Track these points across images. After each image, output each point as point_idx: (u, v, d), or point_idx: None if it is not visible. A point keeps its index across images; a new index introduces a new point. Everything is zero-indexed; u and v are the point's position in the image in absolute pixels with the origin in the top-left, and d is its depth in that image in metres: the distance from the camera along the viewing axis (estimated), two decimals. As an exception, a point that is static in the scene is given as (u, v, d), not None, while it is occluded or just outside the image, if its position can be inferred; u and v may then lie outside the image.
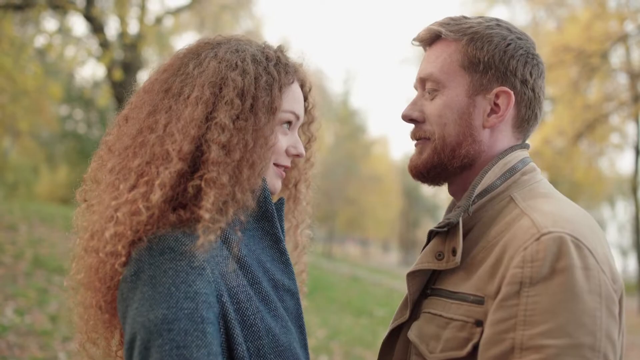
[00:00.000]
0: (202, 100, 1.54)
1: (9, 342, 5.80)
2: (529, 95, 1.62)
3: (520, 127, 1.65)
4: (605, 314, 1.31)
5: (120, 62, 13.93)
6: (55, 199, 27.33)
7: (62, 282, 6.33)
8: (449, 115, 1.62)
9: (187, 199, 1.51)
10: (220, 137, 1.51)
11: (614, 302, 1.34)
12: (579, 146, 17.47)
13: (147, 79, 1.70)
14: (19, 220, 11.12)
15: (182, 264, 1.41)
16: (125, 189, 1.50)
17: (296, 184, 1.89)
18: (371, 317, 12.43)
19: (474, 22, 1.66)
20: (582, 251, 1.33)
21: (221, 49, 1.63)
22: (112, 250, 1.46)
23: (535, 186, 1.58)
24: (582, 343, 1.27)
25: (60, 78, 22.13)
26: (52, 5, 11.87)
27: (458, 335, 1.45)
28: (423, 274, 1.62)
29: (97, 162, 1.68)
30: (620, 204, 48.95)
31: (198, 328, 1.37)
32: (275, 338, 1.54)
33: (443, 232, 1.58)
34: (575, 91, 15.51)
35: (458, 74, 1.62)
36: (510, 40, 1.61)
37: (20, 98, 14.27)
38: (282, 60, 1.68)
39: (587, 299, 1.30)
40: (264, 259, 1.63)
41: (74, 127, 31.16)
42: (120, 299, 1.44)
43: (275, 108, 1.61)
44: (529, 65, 1.62)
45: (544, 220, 1.39)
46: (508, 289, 1.35)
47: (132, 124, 1.60)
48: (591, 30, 14.17)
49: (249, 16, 21.59)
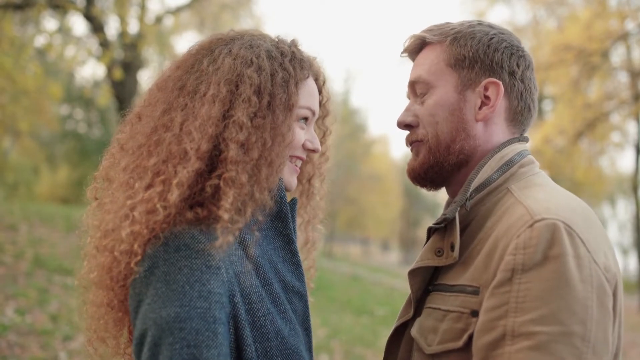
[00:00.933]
0: (218, 98, 1.53)
1: (10, 341, 5.81)
2: (519, 86, 1.64)
3: (514, 119, 1.66)
4: (596, 304, 1.31)
5: (120, 61, 13.93)
6: (56, 199, 27.40)
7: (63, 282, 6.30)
8: (440, 114, 1.63)
9: (205, 197, 1.50)
10: (239, 136, 1.50)
11: (605, 294, 1.34)
12: (580, 145, 17.46)
13: (159, 76, 1.68)
14: (20, 220, 11.13)
15: (197, 262, 1.40)
16: (140, 188, 1.49)
17: (310, 178, 1.88)
18: (372, 317, 12.43)
19: (456, 25, 1.69)
20: (574, 239, 1.33)
21: (235, 45, 1.62)
22: (127, 249, 1.45)
23: (533, 178, 1.58)
24: (573, 331, 1.27)
25: (60, 78, 22.12)
26: (52, 5, 11.86)
27: (454, 327, 1.46)
28: (424, 271, 1.62)
29: (109, 160, 1.66)
30: (621, 203, 48.98)
31: (210, 328, 1.36)
32: (284, 340, 1.53)
33: (441, 228, 1.58)
34: (576, 90, 15.51)
35: (445, 73, 1.64)
36: (493, 35, 1.64)
37: (20, 98, 14.27)
38: (297, 55, 1.68)
39: (579, 287, 1.29)
40: (275, 260, 1.63)
41: (74, 127, 31.15)
42: (133, 294, 1.43)
43: (292, 104, 1.60)
44: (514, 56, 1.64)
45: (538, 208, 1.40)
46: (501, 276, 1.35)
47: (146, 122, 1.58)
48: (592, 29, 14.16)
49: (249, 15, 21.57)
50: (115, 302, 1.54)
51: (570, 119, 15.92)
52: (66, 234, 10.85)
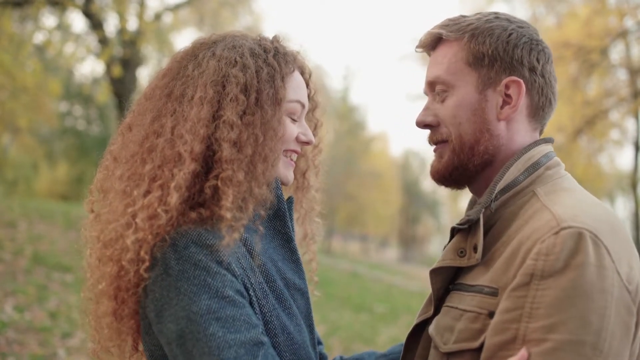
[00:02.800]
0: (206, 99, 1.53)
1: (9, 338, 5.81)
2: (539, 81, 1.61)
3: (535, 115, 1.64)
4: (614, 314, 1.29)
5: (119, 58, 13.91)
6: (55, 196, 27.37)
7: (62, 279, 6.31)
8: (462, 114, 1.60)
9: (205, 199, 1.51)
10: (230, 135, 1.51)
11: (625, 307, 1.32)
12: (579, 142, 17.44)
13: (147, 86, 1.68)
14: (19, 216, 11.12)
15: (209, 257, 1.42)
16: (139, 195, 1.50)
17: (304, 172, 1.88)
18: (371, 313, 12.44)
19: (473, 19, 1.65)
20: (599, 249, 1.31)
21: (218, 47, 1.63)
22: (134, 257, 1.46)
23: (559, 181, 1.56)
24: (583, 341, 1.26)
25: (59, 75, 22.08)
26: (51, 2, 11.85)
27: (471, 327, 1.45)
28: (446, 271, 1.60)
29: (103, 172, 1.66)
30: (619, 200, 48.93)
31: (243, 312, 1.39)
32: (291, 336, 1.54)
33: (465, 229, 1.56)
34: (575, 87, 15.49)
35: (465, 72, 1.61)
36: (512, 30, 1.60)
37: (19, 95, 14.25)
38: (280, 50, 1.68)
39: (597, 297, 1.28)
40: (275, 258, 1.64)
41: (73, 123, 31.12)
42: (152, 299, 1.43)
43: (280, 99, 1.60)
44: (534, 51, 1.60)
45: (565, 214, 1.37)
46: (519, 280, 1.34)
47: (137, 131, 1.58)
48: (591, 26, 14.15)
49: (249, 12, 21.53)
50: (125, 311, 1.54)
51: (569, 116, 15.91)
52: (65, 231, 10.84)
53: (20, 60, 12.07)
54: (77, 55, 15.36)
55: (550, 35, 16.44)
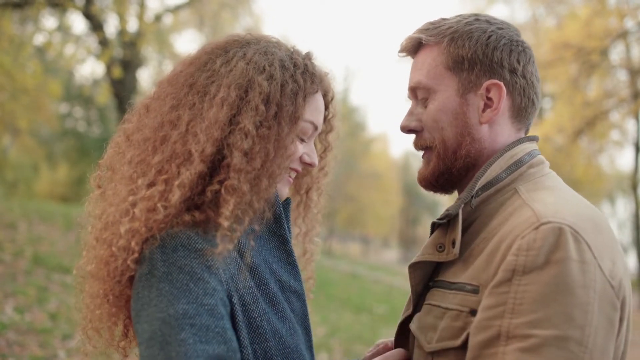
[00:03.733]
0: (227, 102, 1.52)
1: (9, 340, 5.80)
2: (521, 82, 1.60)
3: (518, 116, 1.63)
4: (597, 310, 1.28)
5: (119, 60, 13.93)
6: (55, 197, 27.39)
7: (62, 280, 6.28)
8: (444, 119, 1.60)
9: (204, 201, 1.50)
10: (243, 144, 1.50)
11: (608, 301, 1.31)
12: (579, 143, 17.46)
13: (171, 70, 1.67)
14: (19, 218, 11.12)
15: (196, 262, 1.41)
16: (143, 185, 1.49)
17: (308, 190, 1.88)
18: (371, 314, 12.44)
19: (453, 22, 1.65)
20: (580, 244, 1.30)
21: (250, 49, 1.61)
22: (125, 245, 1.45)
23: (542, 179, 1.56)
24: (568, 336, 1.25)
25: (59, 76, 22.10)
26: (51, 3, 11.84)
27: (453, 325, 1.44)
28: (425, 266, 1.61)
29: (114, 149, 1.66)
30: (620, 201, 48.96)
31: (219, 324, 1.37)
32: (282, 340, 1.53)
33: (445, 224, 1.57)
34: (575, 88, 15.51)
35: (445, 76, 1.61)
36: (491, 32, 1.60)
37: (19, 96, 14.25)
38: (309, 68, 1.66)
39: (580, 292, 1.27)
40: (270, 260, 1.63)
41: (73, 125, 31.15)
42: (135, 298, 1.43)
43: (297, 117, 1.59)
44: (514, 52, 1.60)
45: (545, 210, 1.37)
46: (501, 276, 1.34)
47: (154, 116, 1.58)
48: (591, 27, 14.16)
49: (249, 13, 21.54)
50: (110, 296, 1.54)
51: (569, 117, 15.93)
52: (65, 232, 10.84)
53: (20, 62, 12.09)
54: (77, 56, 15.37)
55: (551, 36, 16.48)
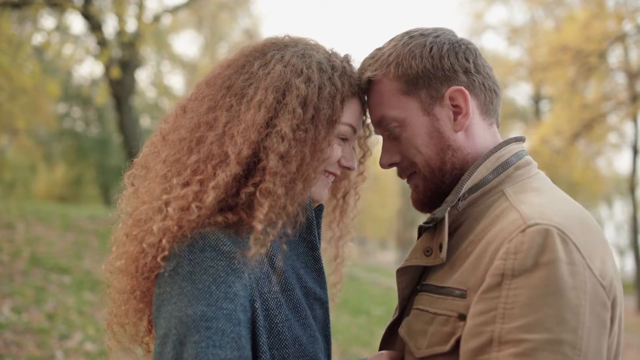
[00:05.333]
0: (264, 104, 1.52)
1: (6, 340, 5.80)
2: (478, 78, 1.61)
3: (487, 111, 1.64)
4: (589, 311, 1.27)
5: (118, 60, 13.90)
6: (53, 198, 27.38)
7: (59, 281, 6.30)
8: (420, 142, 1.60)
9: (237, 203, 1.50)
10: (280, 147, 1.50)
11: (599, 302, 1.30)
12: (577, 146, 17.48)
13: (209, 72, 1.68)
14: (16, 218, 11.09)
15: (222, 264, 1.41)
16: (178, 184, 1.50)
17: (345, 195, 1.88)
18: (368, 316, 12.42)
19: (390, 48, 1.65)
20: (568, 245, 1.29)
21: (288, 52, 1.62)
22: (156, 242, 1.46)
23: (529, 180, 1.55)
24: (562, 339, 1.24)
25: (58, 76, 22.09)
26: (49, 3, 11.83)
27: (442, 330, 1.44)
28: (412, 271, 1.60)
29: (150, 148, 1.67)
30: (617, 204, 48.98)
31: (235, 330, 1.36)
32: (302, 347, 1.53)
33: (432, 228, 1.56)
34: (573, 91, 15.52)
35: (405, 102, 1.61)
36: (431, 43, 1.61)
37: (17, 96, 14.25)
38: (347, 70, 1.66)
39: (571, 294, 1.26)
40: (297, 266, 1.63)
41: (71, 125, 31.13)
42: (157, 293, 1.43)
43: (335, 121, 1.59)
44: (460, 53, 1.61)
45: (531, 212, 1.36)
46: (490, 281, 1.33)
47: (190, 117, 1.58)
48: (589, 30, 14.17)
49: (247, 14, 21.59)
50: (138, 292, 1.54)
51: (567, 119, 15.94)
52: (63, 233, 10.82)
53: (18, 62, 12.05)
54: (75, 56, 15.35)
55: (549, 38, 16.51)
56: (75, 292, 7.63)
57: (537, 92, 26.26)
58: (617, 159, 35.05)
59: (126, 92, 14.18)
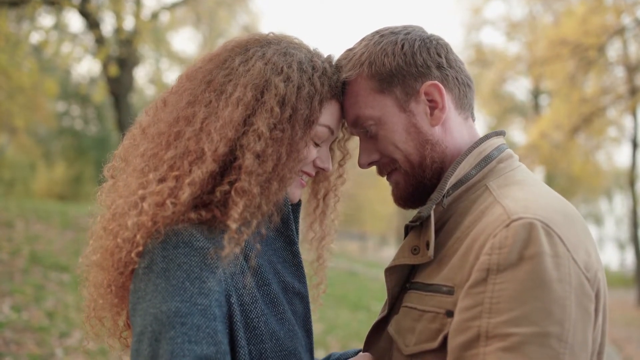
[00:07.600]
0: (242, 102, 1.52)
1: (6, 338, 5.80)
2: (451, 73, 1.62)
3: (461, 105, 1.65)
4: (575, 304, 1.28)
5: (116, 58, 13.90)
6: (52, 196, 27.37)
7: (59, 279, 6.30)
8: (398, 139, 1.61)
9: (212, 201, 1.50)
10: (256, 146, 1.49)
11: (584, 294, 1.30)
12: (576, 140, 17.47)
13: (191, 65, 1.68)
14: (16, 217, 11.10)
15: (196, 260, 1.40)
16: (154, 180, 1.49)
17: (325, 195, 1.88)
18: (368, 312, 12.44)
19: (361, 48, 1.66)
20: (552, 238, 1.30)
21: (270, 49, 1.61)
22: (130, 237, 1.46)
23: (512, 174, 1.56)
24: (548, 332, 1.24)
25: (56, 74, 22.08)
26: (47, 2, 11.82)
27: (430, 327, 1.44)
28: (401, 270, 1.61)
29: (129, 140, 1.66)
30: (617, 198, 49.00)
31: (210, 325, 1.36)
32: (279, 342, 1.52)
33: (418, 226, 1.56)
34: (572, 85, 15.51)
35: (380, 100, 1.62)
36: (402, 40, 1.62)
37: (16, 95, 14.25)
38: (328, 71, 1.65)
39: (556, 287, 1.26)
40: (275, 260, 1.62)
41: (70, 123, 31.16)
42: (133, 290, 1.43)
43: (312, 121, 1.59)
44: (432, 49, 1.62)
45: (515, 207, 1.37)
46: (476, 276, 1.33)
47: (170, 111, 1.58)
48: (588, 24, 14.15)
49: (246, 11, 21.55)
50: (112, 287, 1.54)
51: (566, 113, 15.93)
52: (62, 231, 10.82)
53: (16, 60, 12.05)
54: (73, 54, 15.36)
55: (548, 33, 16.49)
56: (75, 290, 7.61)
57: (536, 86, 26.21)
58: (617, 153, 35.16)
59: (124, 90, 14.16)
